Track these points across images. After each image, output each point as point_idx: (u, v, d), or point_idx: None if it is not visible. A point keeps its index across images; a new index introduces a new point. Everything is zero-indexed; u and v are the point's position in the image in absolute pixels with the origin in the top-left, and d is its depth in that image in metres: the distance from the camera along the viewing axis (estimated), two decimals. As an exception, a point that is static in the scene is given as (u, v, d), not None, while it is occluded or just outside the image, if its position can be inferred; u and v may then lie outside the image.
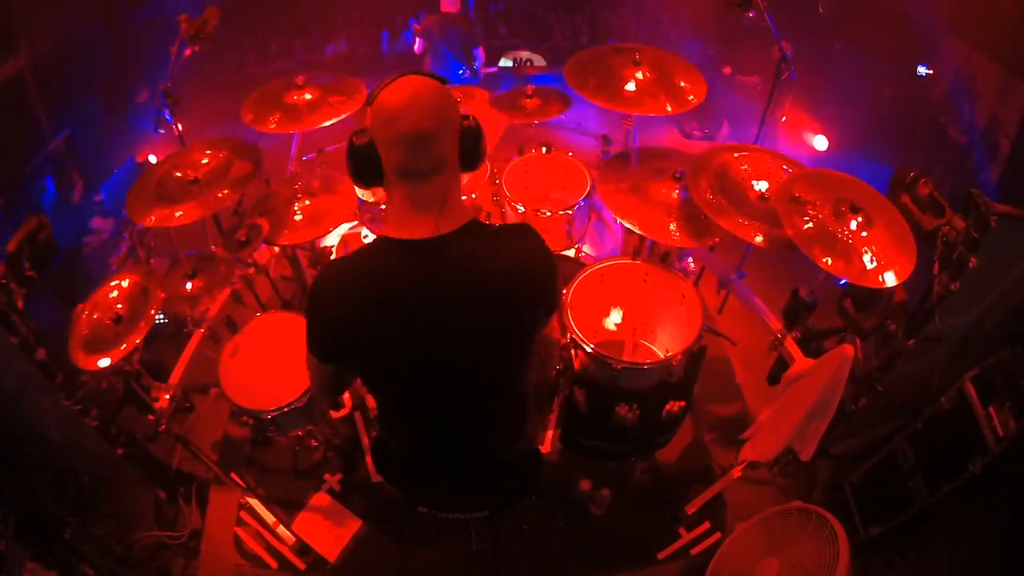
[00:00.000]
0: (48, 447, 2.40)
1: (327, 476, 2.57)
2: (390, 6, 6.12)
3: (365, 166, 1.21)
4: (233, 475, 2.49)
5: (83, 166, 3.96)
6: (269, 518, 2.44)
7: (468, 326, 1.25)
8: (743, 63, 4.93)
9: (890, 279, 1.76)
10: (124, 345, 2.00)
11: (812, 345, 2.52)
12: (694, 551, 2.37)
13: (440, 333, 1.25)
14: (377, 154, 1.19)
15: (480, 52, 4.49)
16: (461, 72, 4.43)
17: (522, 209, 2.60)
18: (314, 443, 2.62)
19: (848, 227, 1.84)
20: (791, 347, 2.20)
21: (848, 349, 1.88)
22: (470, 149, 1.24)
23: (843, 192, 1.91)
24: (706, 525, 2.43)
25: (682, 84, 2.49)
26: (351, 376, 1.50)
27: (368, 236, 2.73)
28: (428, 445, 1.56)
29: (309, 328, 1.30)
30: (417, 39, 4.41)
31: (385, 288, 1.22)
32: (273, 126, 2.60)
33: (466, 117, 1.24)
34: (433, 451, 1.57)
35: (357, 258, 1.27)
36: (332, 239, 2.82)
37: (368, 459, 2.54)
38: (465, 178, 1.29)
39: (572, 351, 2.21)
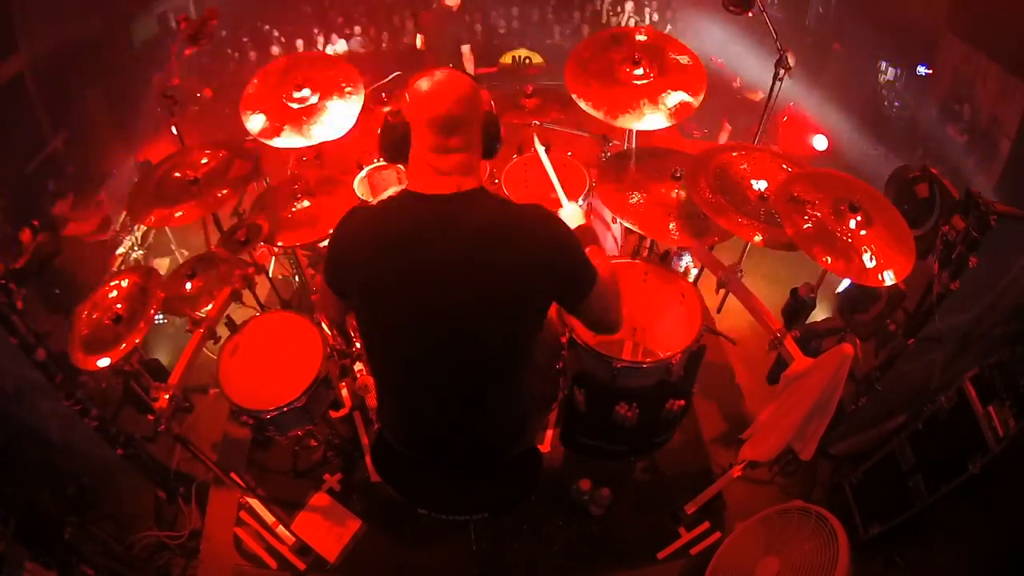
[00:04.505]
0: (48, 447, 2.40)
1: (327, 476, 2.57)
2: (390, 6, 6.13)
3: (399, 142, 1.36)
4: (233, 475, 2.48)
5: (83, 166, 3.96)
6: (269, 518, 2.43)
7: (476, 281, 1.30)
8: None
9: (889, 278, 1.76)
10: (124, 345, 2.00)
11: (812, 344, 2.52)
12: (694, 551, 2.37)
13: (446, 286, 1.30)
14: (408, 133, 1.34)
15: (468, 50, 4.46)
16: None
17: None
18: (314, 443, 2.62)
19: (847, 226, 1.83)
20: (790, 346, 2.20)
21: (848, 349, 1.88)
22: (491, 136, 1.39)
23: (842, 191, 1.91)
24: (706, 525, 2.43)
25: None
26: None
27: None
28: (426, 437, 1.56)
29: (326, 257, 1.43)
30: (418, 35, 4.44)
31: (399, 233, 1.32)
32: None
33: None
34: (431, 447, 1.57)
35: (381, 205, 1.42)
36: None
37: (368, 459, 2.54)
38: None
39: (572, 351, 2.21)
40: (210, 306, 2.30)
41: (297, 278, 3.17)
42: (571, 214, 1.78)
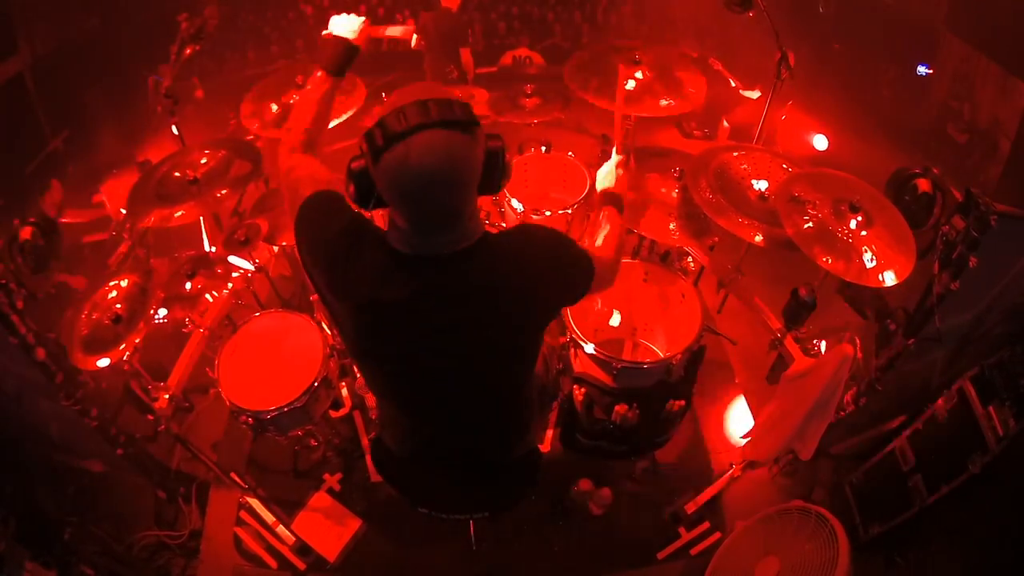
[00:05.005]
0: (48, 447, 2.40)
1: (327, 476, 2.57)
2: (391, 6, 6.13)
3: (372, 196, 1.13)
4: (233, 475, 2.48)
5: (83, 166, 3.95)
6: (269, 518, 2.44)
7: (483, 335, 1.23)
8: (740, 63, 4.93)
9: (889, 278, 1.76)
10: (124, 345, 2.00)
11: (812, 345, 2.51)
12: (694, 551, 2.37)
13: (451, 347, 1.23)
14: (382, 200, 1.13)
15: (466, 54, 4.43)
16: (448, 71, 4.41)
17: (521, 208, 2.60)
18: (314, 443, 2.62)
19: (848, 226, 1.84)
20: (791, 347, 2.20)
21: (848, 349, 1.88)
22: (493, 174, 1.16)
23: (843, 191, 1.91)
24: (706, 525, 2.43)
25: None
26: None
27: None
28: (428, 450, 1.56)
29: (315, 268, 1.23)
30: (414, 35, 4.41)
31: (399, 302, 1.17)
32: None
33: (493, 136, 1.14)
34: (433, 456, 1.57)
35: (364, 257, 1.19)
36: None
37: (368, 459, 2.54)
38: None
39: (572, 351, 2.21)
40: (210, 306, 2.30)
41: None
42: (604, 175, 1.62)
